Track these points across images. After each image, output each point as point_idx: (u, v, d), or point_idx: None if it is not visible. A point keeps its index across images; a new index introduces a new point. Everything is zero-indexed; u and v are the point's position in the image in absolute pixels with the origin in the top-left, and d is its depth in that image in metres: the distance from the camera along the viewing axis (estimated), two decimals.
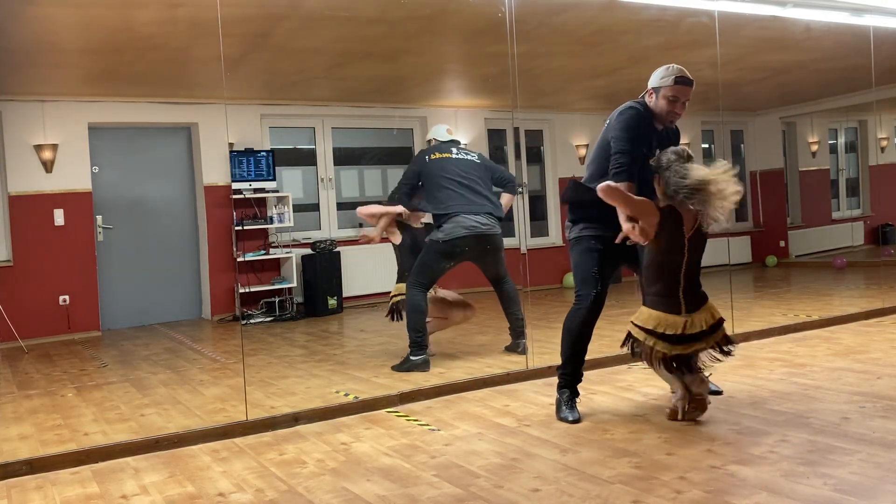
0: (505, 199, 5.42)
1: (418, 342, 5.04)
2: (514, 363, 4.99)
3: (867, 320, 6.17)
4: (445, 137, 5.48)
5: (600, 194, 3.39)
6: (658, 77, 3.73)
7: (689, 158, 3.51)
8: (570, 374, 3.82)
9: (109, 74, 6.91)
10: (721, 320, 3.54)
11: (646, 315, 3.50)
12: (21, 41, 5.68)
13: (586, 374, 4.75)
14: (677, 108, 3.68)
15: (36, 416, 4.34)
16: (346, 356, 5.77)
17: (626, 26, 6.36)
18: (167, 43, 5.96)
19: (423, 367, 4.99)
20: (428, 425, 3.81)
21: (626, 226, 3.45)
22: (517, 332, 5.40)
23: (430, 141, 5.57)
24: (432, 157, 5.29)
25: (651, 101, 3.75)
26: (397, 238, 5.51)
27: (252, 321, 8.00)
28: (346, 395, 4.42)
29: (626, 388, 4.36)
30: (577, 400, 3.83)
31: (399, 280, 5.51)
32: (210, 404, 4.41)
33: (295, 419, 4.00)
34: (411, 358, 5.02)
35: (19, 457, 3.50)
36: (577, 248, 3.82)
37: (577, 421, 3.69)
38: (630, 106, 3.74)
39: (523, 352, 5.21)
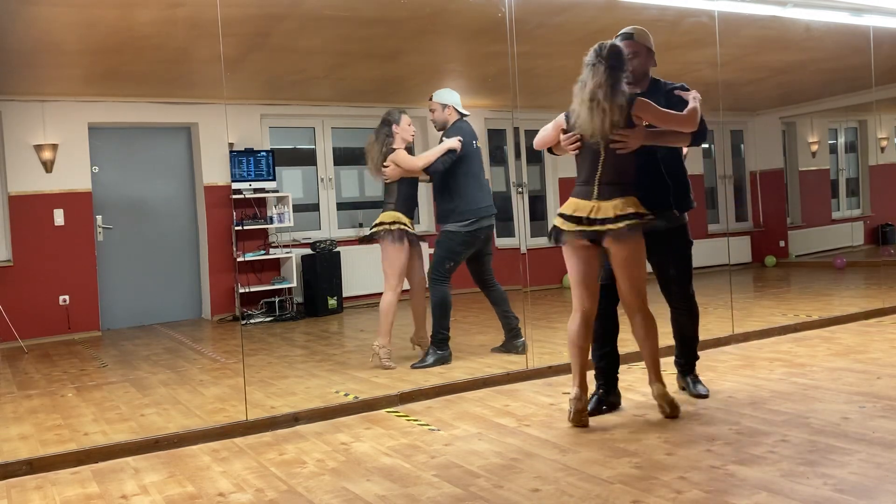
0: None
1: (446, 337, 5.16)
2: (514, 363, 4.99)
3: (867, 320, 6.17)
4: (463, 111, 5.39)
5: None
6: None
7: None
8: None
9: (109, 74, 6.91)
10: (635, 214, 3.52)
11: (567, 202, 3.66)
12: (21, 41, 5.68)
13: (587, 374, 4.76)
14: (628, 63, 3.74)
15: (36, 416, 4.34)
16: (346, 356, 5.76)
17: (626, 26, 6.35)
18: (167, 43, 5.96)
19: (448, 360, 5.15)
20: (428, 425, 3.81)
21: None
22: (515, 331, 5.40)
23: (445, 106, 5.35)
24: (476, 144, 5.28)
25: None
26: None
27: (252, 321, 8.00)
28: (346, 395, 4.42)
29: (626, 388, 4.35)
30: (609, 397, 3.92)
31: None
32: (210, 404, 4.41)
33: (295, 419, 4.00)
34: (439, 352, 5.13)
35: (19, 457, 3.50)
36: None
37: (595, 412, 3.80)
38: None
39: (523, 351, 5.22)
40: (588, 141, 3.57)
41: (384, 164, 5.22)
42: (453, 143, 5.15)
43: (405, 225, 5.18)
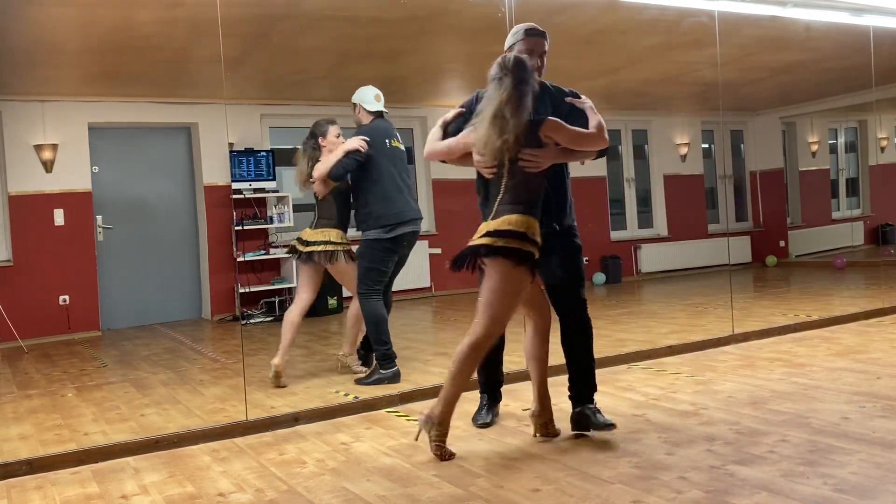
0: None
1: (387, 354, 4.69)
2: (514, 363, 4.98)
3: (867, 320, 6.17)
4: (375, 107, 4.91)
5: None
6: (510, 36, 3.68)
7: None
8: (484, 381, 3.85)
9: (109, 74, 6.91)
10: (511, 233, 3.23)
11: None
12: (21, 41, 5.69)
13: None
14: (534, 61, 3.52)
15: (36, 416, 4.34)
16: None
17: (626, 26, 6.36)
18: (167, 43, 5.97)
19: (395, 379, 4.65)
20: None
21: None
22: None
23: (355, 105, 4.95)
24: (391, 143, 4.85)
25: None
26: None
27: (252, 321, 8.00)
28: (346, 395, 4.42)
29: (626, 388, 4.36)
30: (497, 406, 3.86)
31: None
32: (210, 404, 4.41)
33: (295, 419, 4.00)
34: (381, 371, 4.68)
35: (19, 457, 3.50)
36: None
37: (484, 425, 3.71)
38: None
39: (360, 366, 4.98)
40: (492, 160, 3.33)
41: (311, 179, 4.90)
42: (354, 143, 4.72)
43: (348, 243, 4.96)
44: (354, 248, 4.97)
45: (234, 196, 8.22)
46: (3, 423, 4.21)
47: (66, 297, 7.70)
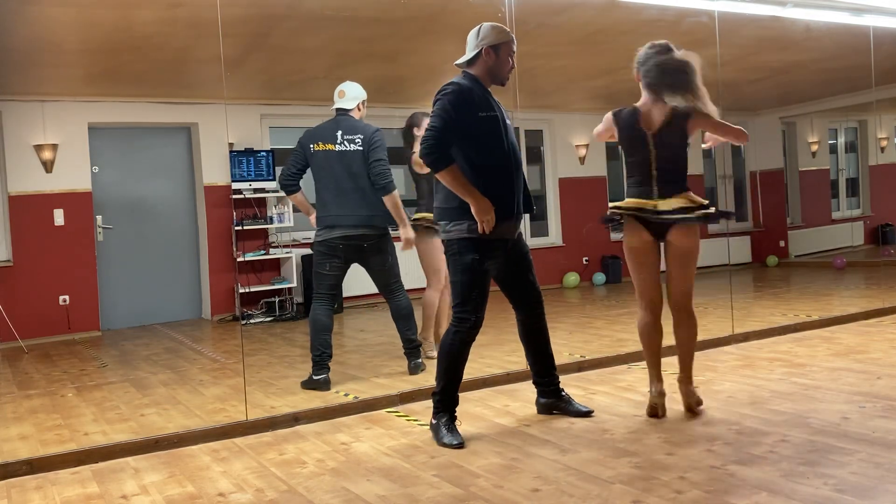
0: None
1: (318, 361, 4.64)
2: (514, 363, 4.99)
3: (867, 320, 6.17)
4: (337, 106, 4.85)
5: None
6: (494, 35, 3.83)
7: (668, 50, 3.81)
8: (447, 398, 3.56)
9: (109, 74, 6.91)
10: (699, 205, 3.82)
11: (625, 201, 3.87)
12: (21, 41, 5.69)
13: (587, 374, 4.77)
14: (513, 61, 3.84)
15: (36, 416, 4.34)
16: (346, 356, 5.76)
17: (626, 26, 6.36)
18: (167, 43, 5.97)
19: (324, 386, 4.59)
20: (428, 425, 3.81)
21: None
22: (408, 351, 4.94)
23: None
24: (319, 146, 4.77)
25: (490, 60, 3.76)
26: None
27: (252, 321, 8.00)
28: (346, 395, 4.42)
29: (626, 388, 4.36)
30: (457, 423, 3.57)
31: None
32: (210, 404, 4.41)
33: (295, 419, 4.00)
34: (314, 378, 4.64)
35: (19, 457, 3.50)
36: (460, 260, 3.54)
37: (460, 445, 3.41)
38: (448, 83, 3.68)
39: (417, 371, 4.89)
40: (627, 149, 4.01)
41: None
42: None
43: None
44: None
45: (234, 196, 8.22)
46: (3, 423, 4.21)
47: (66, 297, 7.70)
